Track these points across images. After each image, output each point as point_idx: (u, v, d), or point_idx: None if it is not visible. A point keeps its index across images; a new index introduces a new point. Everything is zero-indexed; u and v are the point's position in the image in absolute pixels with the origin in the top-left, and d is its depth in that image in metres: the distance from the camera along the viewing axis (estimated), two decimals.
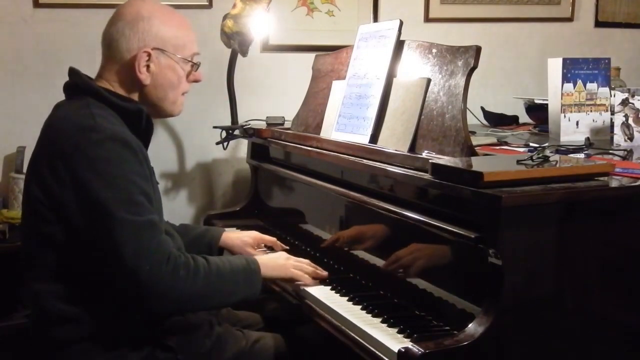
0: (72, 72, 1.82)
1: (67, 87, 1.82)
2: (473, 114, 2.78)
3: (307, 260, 1.99)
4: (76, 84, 1.79)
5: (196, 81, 1.90)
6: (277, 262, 1.92)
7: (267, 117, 2.86)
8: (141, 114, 1.78)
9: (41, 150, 1.73)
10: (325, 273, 1.97)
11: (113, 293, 1.66)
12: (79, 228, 1.62)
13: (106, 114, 1.71)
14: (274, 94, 3.18)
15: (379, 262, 1.92)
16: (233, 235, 2.20)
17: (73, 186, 1.61)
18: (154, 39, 1.78)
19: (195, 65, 1.88)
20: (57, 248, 1.67)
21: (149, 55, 1.78)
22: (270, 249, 2.23)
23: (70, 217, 1.63)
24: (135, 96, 1.82)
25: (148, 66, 1.78)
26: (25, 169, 2.75)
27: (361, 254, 2.00)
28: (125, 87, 1.81)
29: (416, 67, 1.99)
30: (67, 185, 1.62)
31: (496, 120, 2.98)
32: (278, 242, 2.24)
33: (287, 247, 2.22)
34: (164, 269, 1.60)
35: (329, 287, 1.93)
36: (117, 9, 1.83)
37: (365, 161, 1.94)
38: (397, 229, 1.84)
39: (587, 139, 2.29)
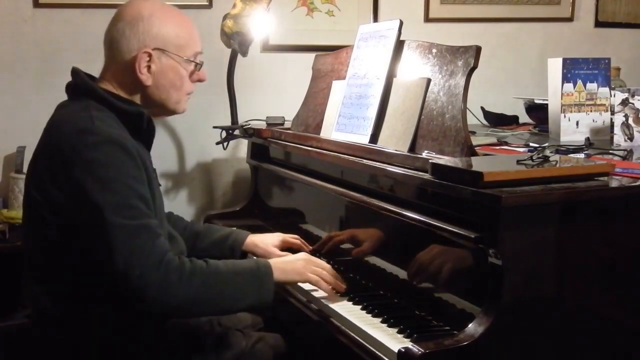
0: (74, 72, 1.79)
1: (69, 88, 1.80)
2: (473, 114, 2.78)
3: (328, 266, 1.89)
4: (77, 85, 1.77)
5: (200, 81, 1.87)
6: (294, 266, 1.83)
7: (267, 117, 2.86)
8: (142, 117, 1.76)
9: (41, 151, 1.72)
10: (344, 286, 1.87)
11: (109, 295, 1.65)
12: (74, 231, 1.61)
13: (105, 116, 1.69)
14: (274, 94, 3.18)
15: (379, 262, 1.92)
16: (257, 239, 2.15)
17: (69, 188, 1.60)
18: (155, 39, 1.75)
19: (199, 65, 1.84)
20: (55, 250, 1.66)
21: (150, 55, 1.75)
22: (297, 251, 2.12)
23: (66, 220, 1.62)
24: (137, 97, 1.80)
25: (149, 67, 1.75)
26: (25, 169, 2.77)
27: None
28: (127, 88, 1.78)
29: (416, 67, 1.98)
30: (64, 187, 1.61)
31: (496, 120, 2.97)
32: (304, 244, 2.17)
33: (311, 248, 2.15)
34: (154, 274, 1.57)
35: (329, 287, 1.93)
36: (118, 9, 1.81)
37: (365, 161, 1.94)
38: (397, 229, 1.84)
39: (587, 139, 2.29)
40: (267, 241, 2.14)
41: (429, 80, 1.90)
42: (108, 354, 1.70)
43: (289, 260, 1.86)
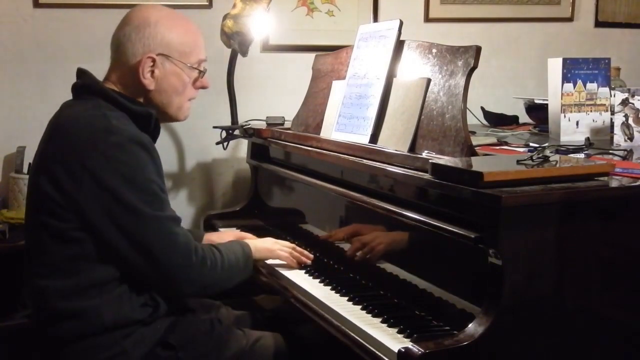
0: (81, 72, 1.84)
1: (75, 88, 1.83)
2: (473, 114, 2.78)
3: (293, 245, 2.14)
4: (85, 84, 1.81)
5: (203, 88, 1.93)
6: (265, 245, 2.09)
7: (267, 117, 2.86)
8: (150, 118, 1.81)
9: (51, 149, 1.73)
10: (308, 259, 2.11)
11: (117, 287, 1.70)
12: (100, 227, 1.65)
13: (118, 115, 1.74)
14: (274, 94, 3.18)
15: (379, 262, 1.92)
16: (213, 237, 2.19)
17: (94, 187, 1.64)
18: (159, 45, 1.80)
19: (202, 72, 1.89)
20: (68, 245, 1.68)
21: (154, 61, 1.79)
22: None
23: (88, 216, 1.65)
24: (140, 100, 1.84)
25: (153, 72, 1.80)
26: (25, 169, 2.77)
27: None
28: (131, 90, 1.82)
29: (416, 67, 1.99)
30: (86, 185, 1.64)
31: (496, 120, 2.97)
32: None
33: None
34: (194, 259, 1.73)
35: (329, 287, 1.93)
36: (127, 13, 1.85)
37: (365, 161, 1.94)
38: (397, 229, 1.84)
39: (587, 139, 2.29)
40: (224, 238, 2.14)
41: (429, 80, 1.90)
42: (109, 353, 1.70)
43: (261, 241, 2.11)
